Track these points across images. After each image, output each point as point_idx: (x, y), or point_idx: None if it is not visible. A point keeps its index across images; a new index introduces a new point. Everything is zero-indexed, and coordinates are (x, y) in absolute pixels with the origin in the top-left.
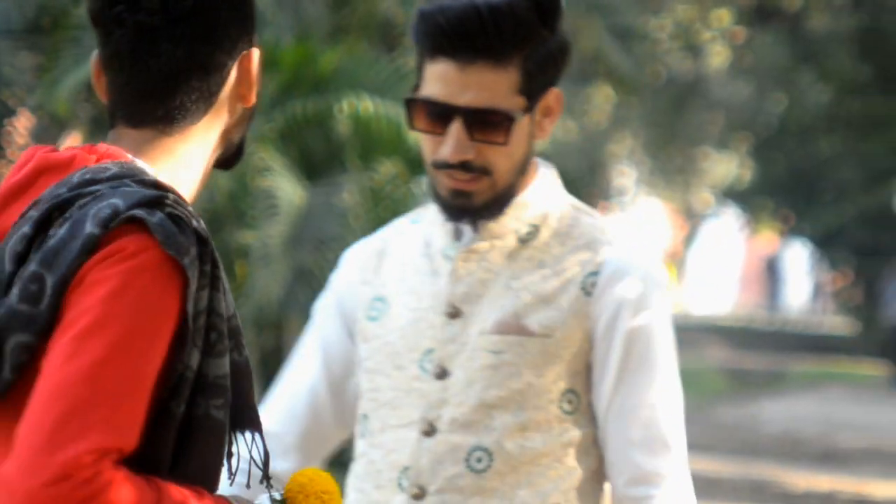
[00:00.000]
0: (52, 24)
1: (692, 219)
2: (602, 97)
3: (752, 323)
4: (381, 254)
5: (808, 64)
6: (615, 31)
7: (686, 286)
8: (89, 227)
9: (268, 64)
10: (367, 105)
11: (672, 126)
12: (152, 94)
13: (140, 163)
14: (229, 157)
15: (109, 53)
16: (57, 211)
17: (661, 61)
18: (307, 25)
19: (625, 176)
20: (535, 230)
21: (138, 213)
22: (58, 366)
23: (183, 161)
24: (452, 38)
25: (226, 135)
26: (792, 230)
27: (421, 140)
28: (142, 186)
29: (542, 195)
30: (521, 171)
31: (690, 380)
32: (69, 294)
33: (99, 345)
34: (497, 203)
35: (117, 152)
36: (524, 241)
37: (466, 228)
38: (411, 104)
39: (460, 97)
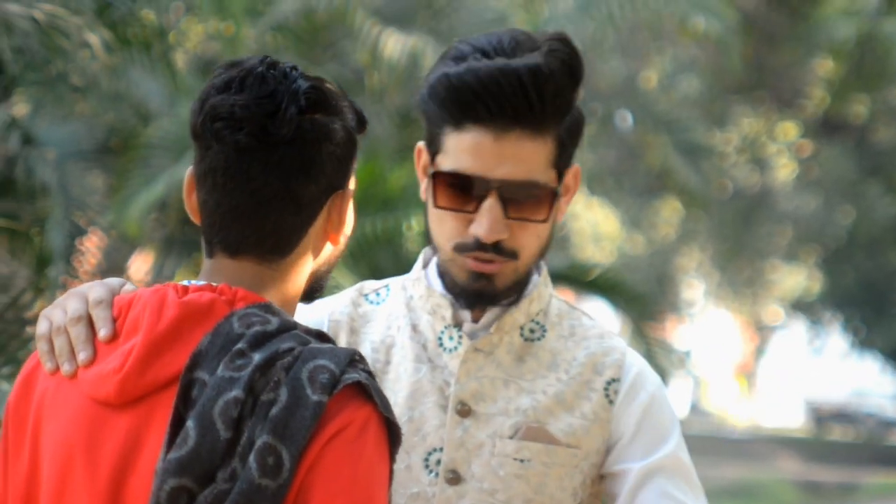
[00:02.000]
0: (122, 144)
1: (762, 331)
2: (670, 211)
3: (824, 435)
4: (352, 330)
5: (876, 176)
6: (682, 146)
7: (757, 398)
8: (314, 395)
9: None
10: None
11: (740, 239)
12: (243, 217)
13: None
14: (312, 293)
15: (204, 169)
16: (258, 372)
17: (727, 175)
18: (375, 144)
19: (693, 289)
20: (538, 327)
21: (355, 377)
22: None
23: (281, 297)
24: (488, 104)
25: (314, 275)
26: (862, 342)
27: (435, 222)
28: (319, 340)
29: (541, 290)
30: (542, 257)
31: (763, 492)
32: (306, 466)
33: None
34: (516, 289)
35: (249, 295)
36: (529, 339)
37: (466, 322)
38: (436, 179)
39: (496, 170)
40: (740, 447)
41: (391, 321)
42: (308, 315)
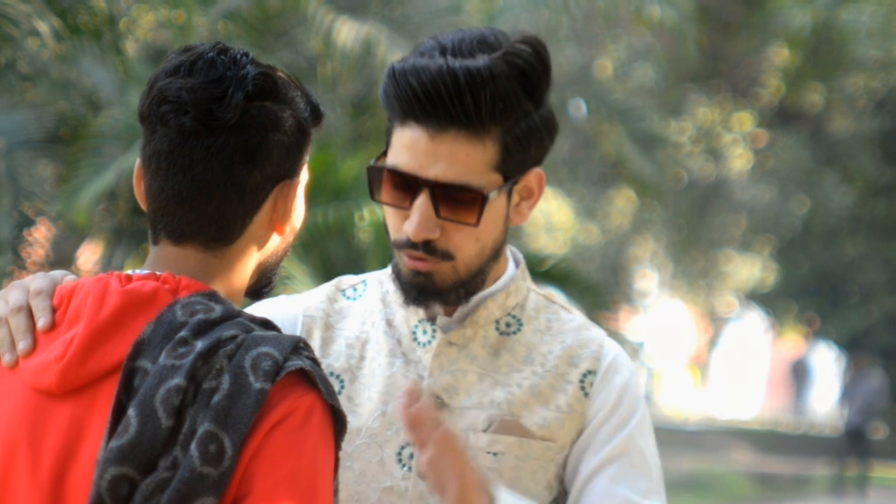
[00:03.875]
0: (72, 134)
1: (716, 322)
2: (624, 201)
3: (777, 426)
4: (327, 326)
5: (831, 166)
6: (637, 135)
7: (710, 389)
8: (256, 382)
9: None
10: None
11: (694, 229)
12: (186, 202)
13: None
14: (260, 288)
15: (150, 153)
16: (200, 360)
17: (682, 165)
18: (327, 134)
19: (647, 279)
20: (515, 321)
21: (299, 364)
22: None
23: (226, 287)
24: (424, 103)
25: (260, 267)
26: (817, 333)
27: (385, 214)
28: (264, 328)
29: (518, 284)
30: (494, 257)
31: (716, 483)
32: (249, 454)
33: None
34: (464, 288)
35: (193, 284)
36: (505, 332)
37: (439, 315)
38: (374, 172)
39: (429, 169)
40: (693, 438)
41: (366, 317)
42: (281, 310)
